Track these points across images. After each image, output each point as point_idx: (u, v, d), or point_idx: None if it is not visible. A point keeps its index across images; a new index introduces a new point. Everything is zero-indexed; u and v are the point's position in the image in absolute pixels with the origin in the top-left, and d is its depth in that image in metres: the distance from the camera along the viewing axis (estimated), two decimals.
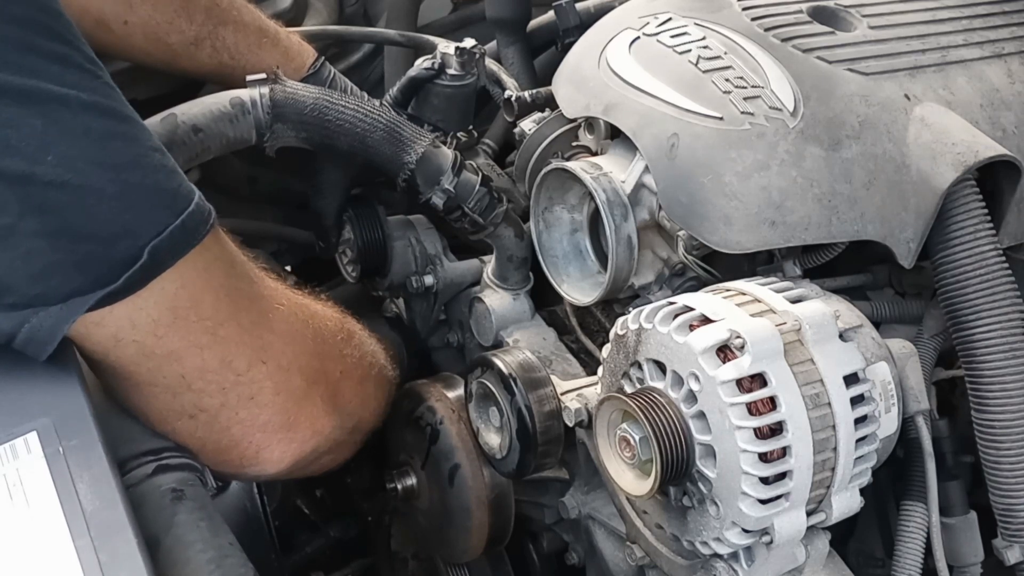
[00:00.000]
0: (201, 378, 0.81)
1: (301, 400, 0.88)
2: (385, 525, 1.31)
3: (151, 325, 0.77)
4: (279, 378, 0.85)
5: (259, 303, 0.85)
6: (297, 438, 0.88)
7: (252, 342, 0.83)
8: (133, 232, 0.73)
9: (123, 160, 0.73)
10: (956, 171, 0.88)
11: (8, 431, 0.72)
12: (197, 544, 0.78)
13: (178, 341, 0.79)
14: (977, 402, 0.88)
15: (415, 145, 1.02)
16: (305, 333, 0.89)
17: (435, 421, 1.04)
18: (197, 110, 0.98)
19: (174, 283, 0.77)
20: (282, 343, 0.86)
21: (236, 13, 1.20)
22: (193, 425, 0.84)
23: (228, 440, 0.86)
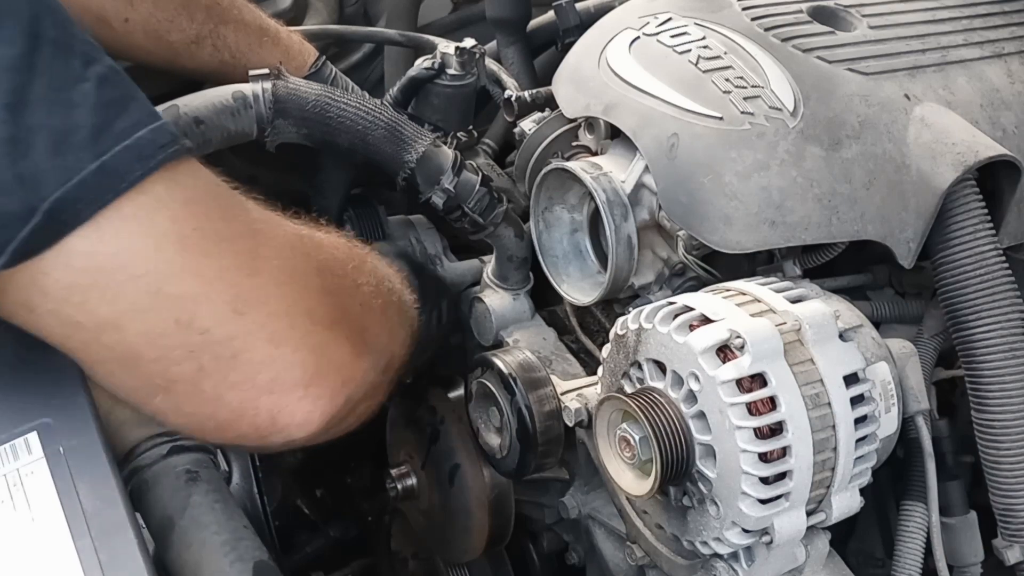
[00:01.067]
0: (152, 344, 0.71)
1: (320, 347, 0.76)
2: (385, 525, 1.32)
3: (64, 291, 0.67)
4: (276, 327, 0.74)
5: (235, 243, 0.74)
6: (324, 392, 0.76)
7: (219, 292, 0.71)
8: (29, 184, 0.63)
9: (24, 97, 0.63)
10: (956, 171, 0.88)
11: (9, 431, 0.72)
12: (212, 526, 0.78)
13: (106, 307, 0.68)
14: (977, 402, 0.88)
15: (416, 144, 1.02)
16: (308, 269, 0.78)
17: (435, 421, 1.04)
18: (199, 102, 0.98)
19: (88, 239, 0.66)
20: (276, 285, 0.74)
21: (237, 12, 1.20)
22: (173, 400, 0.74)
23: (227, 411, 0.75)
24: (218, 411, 0.75)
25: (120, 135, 0.66)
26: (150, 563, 0.68)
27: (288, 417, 0.75)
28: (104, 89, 0.67)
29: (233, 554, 0.76)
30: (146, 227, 0.68)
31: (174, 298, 0.70)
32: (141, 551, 0.68)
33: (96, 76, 0.67)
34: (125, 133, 0.67)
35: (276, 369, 0.74)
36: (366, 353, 0.81)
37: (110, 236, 0.67)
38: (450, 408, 1.03)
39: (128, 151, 0.66)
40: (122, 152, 0.66)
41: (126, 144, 0.66)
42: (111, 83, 0.68)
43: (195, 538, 0.77)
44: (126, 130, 0.67)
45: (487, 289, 1.12)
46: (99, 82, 0.67)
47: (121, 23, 1.14)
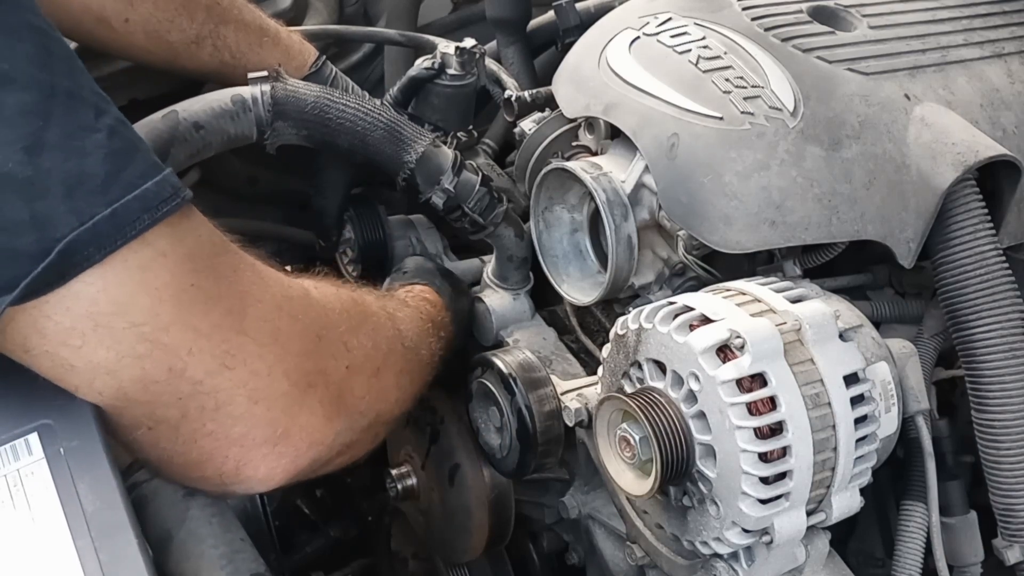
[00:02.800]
0: (146, 390, 0.72)
1: (291, 408, 0.78)
2: (385, 525, 1.31)
3: (63, 334, 0.68)
4: (256, 385, 0.76)
5: (226, 301, 0.75)
6: (288, 452, 0.79)
7: (212, 347, 0.73)
8: (44, 224, 0.64)
9: (40, 141, 0.64)
10: (956, 171, 0.88)
11: (9, 432, 0.72)
12: (209, 539, 0.78)
13: (103, 352, 0.69)
14: (977, 402, 0.88)
15: (415, 144, 1.02)
16: (293, 331, 0.79)
17: (435, 421, 1.04)
18: (199, 107, 0.98)
19: (93, 286, 0.67)
20: (258, 345, 0.76)
21: (237, 12, 1.20)
22: (153, 436, 0.76)
23: (198, 454, 0.77)
24: (189, 453, 0.77)
25: (129, 185, 0.68)
26: (150, 563, 0.68)
27: (252, 470, 0.78)
28: (114, 139, 0.69)
29: (230, 567, 0.76)
30: (148, 277, 0.70)
31: (170, 348, 0.72)
32: (141, 551, 0.68)
33: (107, 127, 0.69)
34: (133, 184, 0.68)
35: (249, 424, 0.76)
36: (340, 417, 0.82)
37: (114, 282, 0.68)
38: (450, 408, 1.03)
39: (136, 201, 0.68)
40: (131, 201, 0.68)
41: (135, 194, 0.68)
42: (119, 134, 0.70)
43: (193, 551, 0.77)
44: (134, 181, 0.69)
45: (487, 289, 1.12)
46: (109, 132, 0.69)
47: (121, 23, 1.14)
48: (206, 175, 1.40)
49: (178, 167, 0.95)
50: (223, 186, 1.44)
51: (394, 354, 0.91)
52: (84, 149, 0.67)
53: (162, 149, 0.94)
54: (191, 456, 0.77)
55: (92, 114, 0.68)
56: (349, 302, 0.89)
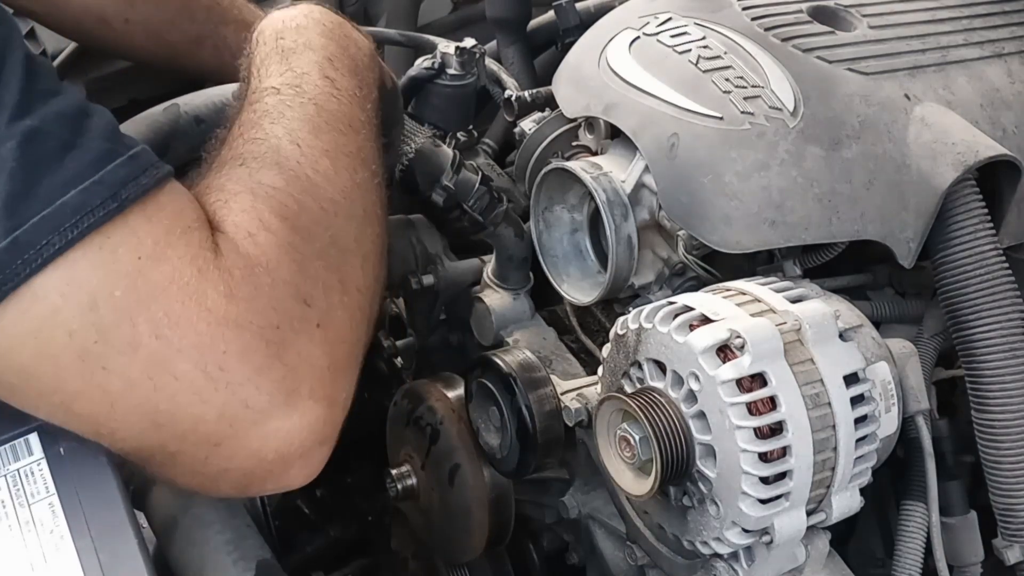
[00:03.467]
0: (108, 444, 0.67)
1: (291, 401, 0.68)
2: (385, 525, 1.31)
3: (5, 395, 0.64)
4: (234, 412, 0.66)
5: (144, 346, 0.63)
6: (316, 450, 0.71)
7: (140, 403, 0.65)
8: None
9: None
10: (956, 171, 0.88)
11: (9, 431, 0.72)
12: (215, 524, 0.78)
13: (44, 415, 0.66)
14: (977, 402, 0.88)
15: (414, 137, 1.02)
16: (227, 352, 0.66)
17: (435, 421, 1.04)
18: (200, 101, 0.99)
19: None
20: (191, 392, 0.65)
21: (237, 12, 1.20)
22: (153, 472, 0.71)
23: (213, 487, 0.71)
24: (177, 486, 0.72)
25: (41, 202, 0.59)
26: (150, 563, 0.68)
27: (287, 480, 0.71)
28: (31, 146, 0.60)
29: (236, 553, 0.76)
30: (42, 343, 0.61)
31: (85, 418, 0.65)
32: (141, 551, 0.68)
33: (22, 132, 0.60)
34: (48, 199, 0.60)
35: (251, 457, 0.68)
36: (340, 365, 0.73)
37: (11, 347, 0.61)
38: (450, 408, 1.03)
39: (45, 222, 0.59)
40: (39, 223, 0.59)
41: (44, 214, 0.59)
42: (42, 136, 0.61)
43: (198, 536, 0.77)
44: (51, 194, 0.60)
45: (487, 289, 1.12)
46: (25, 139, 0.60)
47: (122, 24, 1.14)
48: None
49: (178, 161, 0.95)
50: None
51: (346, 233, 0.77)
52: None
53: (163, 142, 0.94)
54: (208, 489, 0.71)
55: (4, 120, 0.60)
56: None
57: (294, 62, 0.82)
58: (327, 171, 0.76)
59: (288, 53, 0.83)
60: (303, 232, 0.72)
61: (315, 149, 0.76)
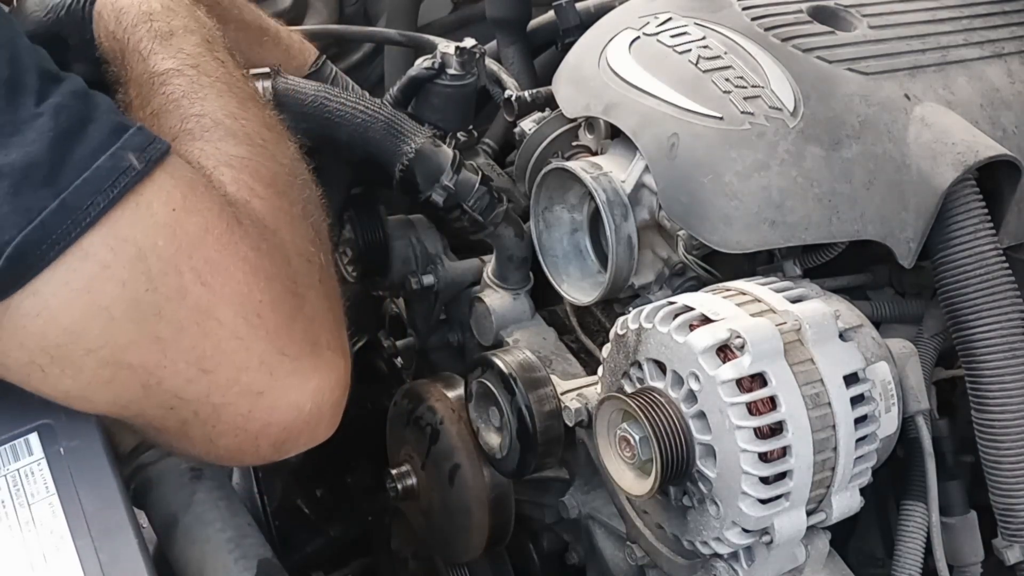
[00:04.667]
0: (127, 408, 0.69)
1: (300, 369, 0.71)
2: (385, 525, 1.31)
3: (25, 368, 0.66)
4: (249, 379, 0.69)
5: (191, 297, 0.67)
6: (325, 412, 0.73)
7: (181, 356, 0.67)
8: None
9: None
10: (956, 171, 0.88)
11: (9, 431, 0.72)
12: (216, 523, 0.78)
13: (68, 381, 0.67)
14: (977, 402, 0.88)
15: (414, 137, 1.02)
16: (263, 301, 0.70)
17: (435, 421, 1.04)
18: None
19: (39, 318, 0.63)
20: (236, 339, 0.68)
21: (237, 12, 1.20)
22: (165, 440, 0.73)
23: (222, 450, 0.72)
24: (215, 450, 0.73)
25: (80, 165, 0.64)
26: (150, 563, 0.68)
27: (292, 445, 0.73)
28: (60, 119, 0.65)
29: (238, 551, 0.76)
30: (95, 298, 0.64)
31: (136, 368, 0.67)
32: (141, 551, 0.68)
33: (51, 108, 0.65)
34: (83, 164, 0.64)
35: (262, 418, 0.70)
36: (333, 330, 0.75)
37: (60, 308, 0.64)
38: (450, 408, 1.03)
39: (87, 185, 0.64)
40: (81, 185, 0.63)
41: (85, 177, 0.64)
42: (67, 111, 0.65)
43: (199, 535, 0.77)
44: (84, 160, 0.64)
45: (487, 289, 1.12)
46: (54, 113, 0.65)
47: None
48: None
49: None
50: None
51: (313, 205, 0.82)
52: (26, 140, 0.63)
53: None
54: (218, 453, 0.73)
55: (33, 100, 0.65)
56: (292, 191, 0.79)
57: (181, 45, 0.85)
58: (269, 139, 0.80)
59: (168, 36, 0.85)
60: (285, 196, 0.77)
61: (251, 121, 0.80)
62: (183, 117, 0.78)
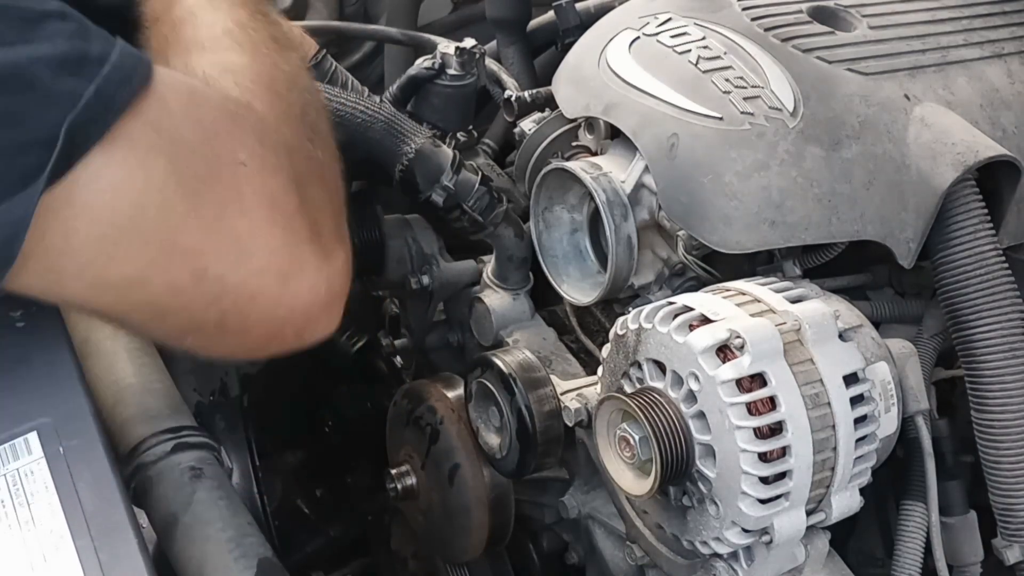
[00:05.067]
0: (176, 297, 0.72)
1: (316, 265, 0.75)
2: (385, 525, 1.32)
3: (93, 248, 0.67)
4: (280, 264, 0.74)
5: (221, 181, 0.72)
6: (336, 298, 0.77)
7: (223, 241, 0.71)
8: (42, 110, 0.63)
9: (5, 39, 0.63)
10: (956, 171, 0.88)
11: (8, 431, 0.72)
12: (217, 522, 0.78)
13: (130, 267, 0.69)
14: (977, 402, 0.88)
15: (414, 137, 1.02)
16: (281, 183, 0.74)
17: (435, 421, 1.04)
18: None
19: (101, 195, 0.66)
20: (266, 224, 0.73)
21: None
22: (203, 339, 0.76)
23: (253, 341, 0.76)
24: (246, 342, 0.77)
25: (100, 60, 0.66)
26: (150, 563, 0.68)
27: (310, 333, 0.77)
28: (67, 22, 0.67)
29: (238, 551, 0.76)
30: (149, 172, 0.68)
31: (187, 251, 0.70)
32: (141, 551, 0.68)
33: (55, 11, 0.67)
34: (102, 58, 0.66)
35: (288, 304, 0.75)
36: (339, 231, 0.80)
37: (120, 180, 0.67)
38: (450, 408, 1.03)
39: (115, 72, 0.66)
40: (110, 73, 0.66)
41: (109, 67, 0.66)
42: (68, 15, 0.68)
43: (199, 534, 0.77)
44: (101, 56, 0.67)
45: (487, 289, 1.12)
46: (60, 16, 0.67)
47: None
48: None
49: None
50: None
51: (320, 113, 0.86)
52: (47, 32, 0.65)
53: None
54: (249, 345, 0.77)
55: (35, 2, 0.67)
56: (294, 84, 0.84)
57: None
58: (273, 48, 0.85)
59: None
60: (283, 98, 0.81)
61: (258, 31, 0.85)
62: (196, 26, 0.83)
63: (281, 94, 0.81)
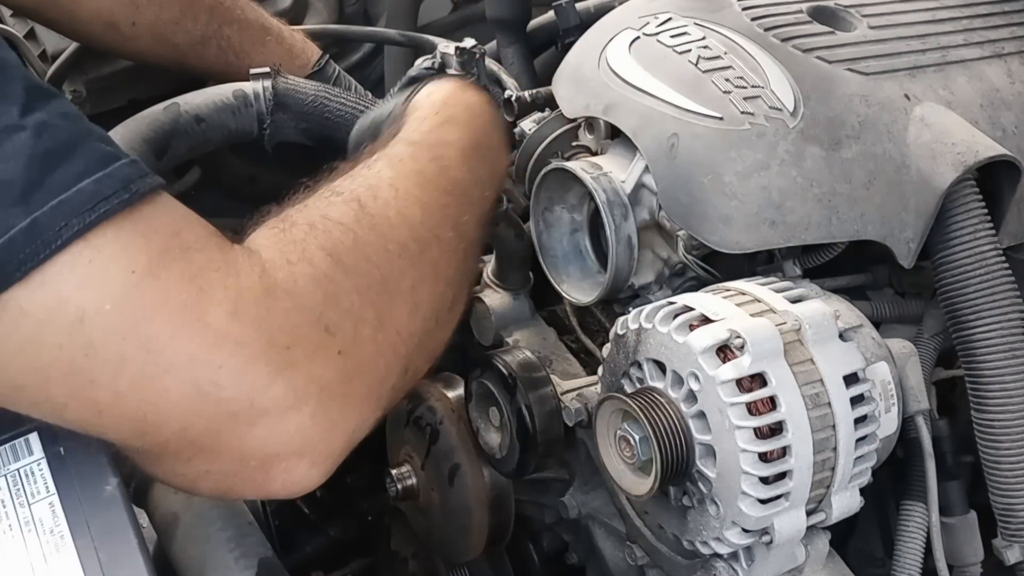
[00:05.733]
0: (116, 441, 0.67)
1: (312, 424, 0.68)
2: (385, 525, 1.31)
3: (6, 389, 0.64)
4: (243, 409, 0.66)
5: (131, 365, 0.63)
6: (319, 453, 0.70)
7: (136, 409, 0.65)
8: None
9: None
10: (956, 171, 0.88)
11: (9, 431, 0.72)
12: (217, 522, 0.78)
13: (47, 416, 0.65)
14: (977, 402, 0.88)
15: None
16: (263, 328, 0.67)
17: (435, 421, 1.04)
18: (200, 100, 0.99)
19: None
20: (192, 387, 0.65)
21: (240, 12, 1.21)
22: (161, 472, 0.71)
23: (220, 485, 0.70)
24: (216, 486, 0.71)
25: (56, 188, 0.60)
26: (150, 563, 0.68)
27: (279, 486, 0.70)
28: (42, 139, 0.61)
29: (238, 550, 0.76)
30: (34, 349, 0.61)
31: (75, 423, 0.66)
32: (141, 551, 0.68)
33: (34, 124, 0.62)
34: (63, 186, 0.60)
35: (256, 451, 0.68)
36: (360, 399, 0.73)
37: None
38: (450, 408, 1.03)
39: (63, 206, 0.60)
40: (57, 206, 0.60)
41: (61, 199, 0.60)
42: (53, 130, 0.62)
43: (200, 534, 0.77)
44: (65, 182, 0.61)
45: (487, 289, 1.12)
46: (36, 130, 0.62)
47: (129, 27, 1.15)
48: (206, 173, 1.40)
49: (178, 160, 0.95)
50: (223, 185, 1.44)
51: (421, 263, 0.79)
52: (3, 153, 0.60)
53: (163, 141, 0.95)
54: (219, 489, 0.71)
55: (17, 110, 0.62)
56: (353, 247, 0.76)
57: (443, 131, 0.87)
58: (412, 218, 0.78)
59: (439, 120, 0.88)
60: (347, 267, 0.73)
61: (411, 197, 0.80)
62: (355, 174, 0.80)
63: (347, 266, 0.73)
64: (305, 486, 0.71)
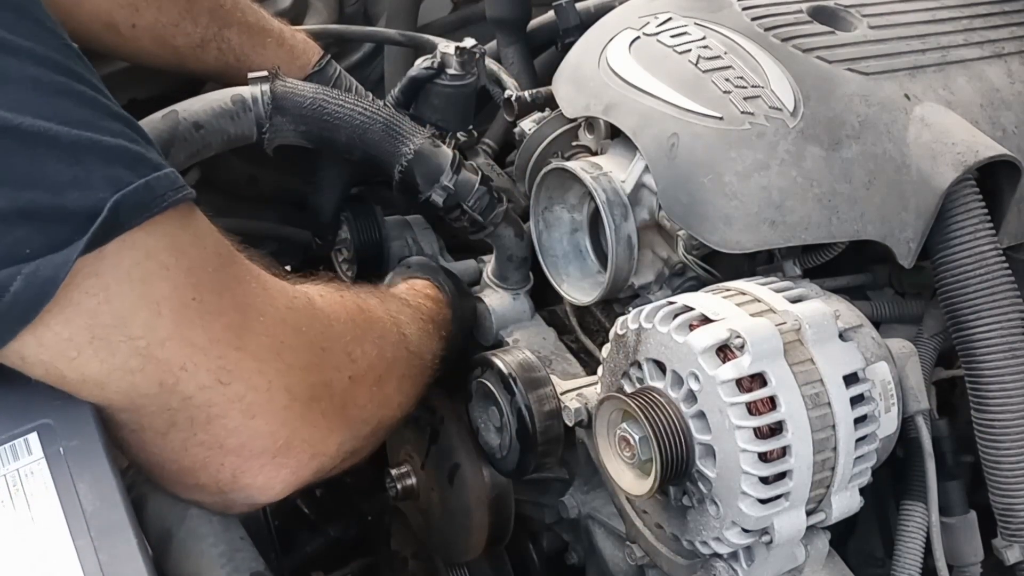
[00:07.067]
0: (131, 401, 0.72)
1: (292, 421, 0.77)
2: (385, 525, 1.31)
3: (60, 345, 0.67)
4: (253, 399, 0.75)
5: (227, 316, 0.74)
6: (290, 463, 0.78)
7: (208, 362, 0.73)
8: (86, 185, 0.66)
9: (75, 117, 0.67)
10: (956, 171, 0.88)
11: (8, 431, 0.72)
12: (209, 538, 0.78)
13: (96, 365, 0.69)
14: (977, 402, 0.88)
15: (413, 138, 1.02)
16: (297, 344, 0.79)
17: (435, 421, 1.04)
18: (199, 106, 0.99)
19: (95, 297, 0.67)
20: (257, 361, 0.75)
21: (240, 14, 1.20)
22: (139, 439, 0.76)
23: (190, 461, 0.76)
24: (181, 460, 0.77)
25: (154, 166, 0.70)
26: (150, 563, 0.68)
27: (250, 479, 0.78)
28: (130, 129, 0.71)
29: (230, 565, 0.77)
30: (150, 290, 0.70)
31: (163, 363, 0.71)
32: (141, 551, 0.68)
33: (123, 118, 0.71)
34: (157, 165, 0.70)
35: (245, 436, 0.76)
36: (343, 428, 0.83)
37: (117, 293, 0.68)
38: (450, 408, 1.03)
39: (164, 179, 0.70)
40: (160, 177, 0.70)
41: (159, 174, 0.69)
42: (133, 127, 0.71)
43: (193, 549, 0.77)
44: (157, 164, 0.70)
45: (487, 289, 1.12)
46: (126, 123, 0.71)
47: (129, 29, 1.15)
48: (206, 175, 1.40)
49: (178, 167, 0.94)
50: (223, 186, 1.44)
51: (398, 361, 0.91)
52: (111, 130, 0.68)
53: (162, 149, 0.95)
54: (183, 463, 0.77)
55: (107, 107, 0.70)
56: (354, 310, 0.89)
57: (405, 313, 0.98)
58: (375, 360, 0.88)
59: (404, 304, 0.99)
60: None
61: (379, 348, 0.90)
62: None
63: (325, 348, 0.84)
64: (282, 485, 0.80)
